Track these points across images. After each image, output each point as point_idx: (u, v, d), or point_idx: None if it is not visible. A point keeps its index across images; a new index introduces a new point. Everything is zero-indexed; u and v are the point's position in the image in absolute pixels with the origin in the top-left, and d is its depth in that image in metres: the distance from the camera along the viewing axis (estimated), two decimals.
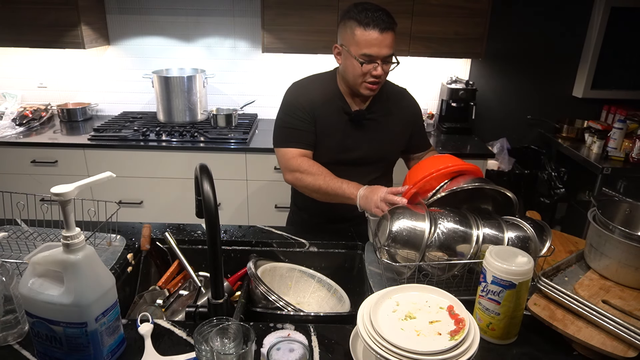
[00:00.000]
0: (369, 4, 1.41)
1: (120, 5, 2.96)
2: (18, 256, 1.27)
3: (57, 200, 0.82)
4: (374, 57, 1.40)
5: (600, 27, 2.96)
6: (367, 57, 1.40)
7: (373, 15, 1.38)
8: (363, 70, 1.42)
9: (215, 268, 0.96)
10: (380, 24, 1.37)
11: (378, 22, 1.37)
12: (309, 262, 1.45)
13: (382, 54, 1.40)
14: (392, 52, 1.42)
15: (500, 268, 0.94)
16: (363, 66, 1.41)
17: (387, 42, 1.39)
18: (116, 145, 2.62)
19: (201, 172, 0.96)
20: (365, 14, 1.38)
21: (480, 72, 3.15)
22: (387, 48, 1.40)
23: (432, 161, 1.36)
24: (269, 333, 1.00)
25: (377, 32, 1.37)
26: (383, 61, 1.42)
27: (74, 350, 0.87)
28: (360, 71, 1.42)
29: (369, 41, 1.38)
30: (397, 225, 1.16)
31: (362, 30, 1.38)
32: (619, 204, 1.21)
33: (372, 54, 1.39)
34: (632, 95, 3.13)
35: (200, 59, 3.09)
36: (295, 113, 1.52)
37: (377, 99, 1.57)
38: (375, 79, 1.44)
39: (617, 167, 2.62)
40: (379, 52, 1.39)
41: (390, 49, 1.41)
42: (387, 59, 1.42)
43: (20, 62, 3.09)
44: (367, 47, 1.39)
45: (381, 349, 0.81)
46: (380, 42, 1.38)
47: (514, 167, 3.03)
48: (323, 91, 1.56)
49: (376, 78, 1.44)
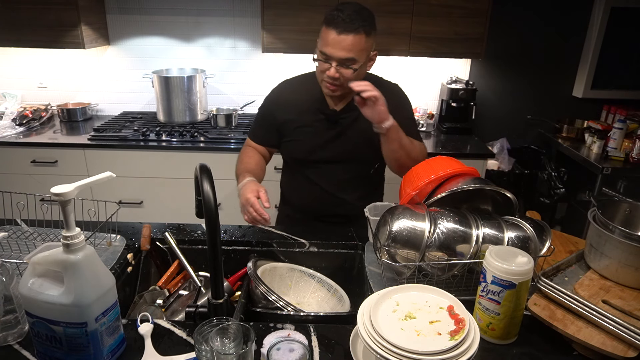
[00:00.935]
0: (349, 4, 1.37)
1: (120, 5, 2.96)
2: (18, 256, 1.27)
3: (57, 200, 0.82)
4: (328, 57, 1.37)
5: (600, 27, 2.96)
6: (323, 56, 1.38)
7: (339, 15, 1.34)
8: (320, 69, 1.40)
9: (215, 268, 0.96)
10: (341, 25, 1.33)
11: (339, 22, 1.33)
12: (309, 262, 1.45)
13: (337, 55, 1.36)
14: (351, 56, 1.36)
15: (500, 268, 0.94)
16: (319, 64, 1.39)
17: (345, 44, 1.34)
18: (116, 145, 2.62)
19: (201, 172, 0.96)
20: (333, 13, 1.35)
21: (480, 72, 3.15)
22: (343, 51, 1.35)
23: (430, 165, 1.36)
24: (269, 333, 1.00)
25: (335, 33, 1.34)
26: (341, 64, 1.37)
27: (74, 350, 0.87)
28: (319, 68, 1.40)
29: (326, 40, 1.36)
30: (397, 225, 1.16)
31: (325, 27, 1.37)
32: (619, 204, 1.21)
33: (327, 54, 1.37)
34: (632, 95, 3.13)
35: (200, 59, 3.09)
36: (262, 112, 1.65)
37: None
38: (331, 80, 1.40)
39: (617, 167, 2.62)
40: (332, 53, 1.36)
41: (349, 53, 1.35)
42: (345, 62, 1.37)
43: (20, 62, 3.09)
44: (324, 45, 1.37)
45: (381, 349, 0.81)
46: (336, 43, 1.34)
47: (514, 167, 3.03)
48: (305, 90, 1.57)
49: (331, 79, 1.40)
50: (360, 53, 1.38)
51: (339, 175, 1.62)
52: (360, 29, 1.35)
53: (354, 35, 1.34)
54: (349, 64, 1.38)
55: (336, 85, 1.42)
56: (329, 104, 1.56)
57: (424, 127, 3.02)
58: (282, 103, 1.60)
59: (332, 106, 1.56)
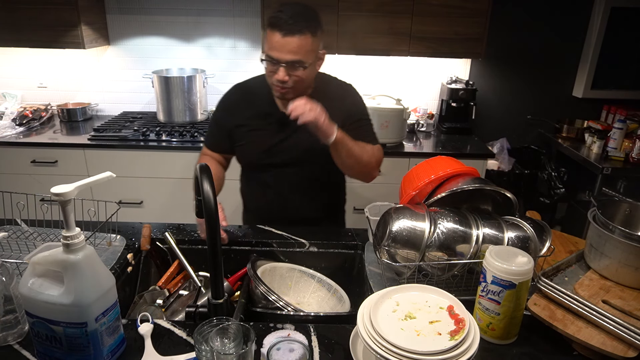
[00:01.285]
0: (291, 5, 1.34)
1: (120, 5, 2.96)
2: (18, 256, 1.27)
3: (57, 200, 0.82)
4: (274, 60, 1.33)
5: (600, 27, 2.96)
6: (269, 59, 1.35)
7: (282, 16, 1.30)
8: (268, 71, 1.37)
9: (215, 268, 0.95)
10: (284, 27, 1.29)
11: (283, 25, 1.29)
12: (309, 262, 1.45)
13: (284, 58, 1.32)
14: (298, 59, 1.33)
15: (500, 268, 0.94)
16: (267, 66, 1.37)
17: (291, 47, 1.31)
18: (116, 145, 2.62)
19: (201, 172, 0.96)
20: (276, 15, 1.32)
21: (480, 72, 3.15)
22: (290, 54, 1.31)
23: (430, 165, 1.36)
24: (269, 333, 1.00)
25: (280, 35, 1.30)
26: (289, 66, 1.34)
27: (74, 350, 0.87)
28: (267, 71, 1.38)
29: (271, 43, 1.33)
30: (397, 225, 1.16)
31: (269, 30, 1.33)
32: (619, 204, 1.21)
33: (273, 57, 1.33)
34: (632, 95, 3.13)
35: (200, 59, 3.09)
36: (214, 118, 1.64)
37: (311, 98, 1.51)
38: (281, 84, 1.37)
39: (617, 167, 2.62)
40: (279, 56, 1.32)
41: (296, 55, 1.32)
42: (293, 64, 1.33)
43: (20, 62, 3.09)
44: (270, 49, 1.33)
45: (381, 349, 0.81)
46: (281, 46, 1.31)
47: (514, 167, 3.03)
48: (255, 93, 1.55)
49: (281, 82, 1.37)
50: (307, 54, 1.34)
51: (293, 178, 1.59)
52: (304, 30, 1.31)
53: (299, 37, 1.30)
54: (297, 66, 1.34)
55: (286, 88, 1.39)
56: (279, 106, 1.52)
57: (424, 127, 3.02)
58: (232, 108, 1.58)
59: (282, 108, 1.51)
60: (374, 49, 2.74)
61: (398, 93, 2.83)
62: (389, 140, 2.71)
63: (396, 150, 2.69)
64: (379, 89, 3.07)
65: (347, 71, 3.12)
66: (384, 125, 2.65)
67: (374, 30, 2.69)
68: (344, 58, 3.04)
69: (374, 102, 2.68)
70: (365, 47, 2.74)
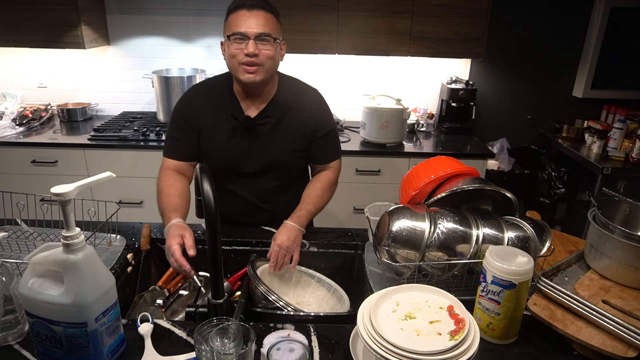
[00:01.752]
0: None
1: (120, 5, 2.96)
2: (18, 256, 1.27)
3: (57, 200, 0.82)
4: (243, 34, 1.34)
5: (600, 27, 2.96)
6: (237, 35, 1.35)
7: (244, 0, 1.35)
8: (235, 50, 1.36)
9: (215, 268, 0.96)
10: (248, 3, 1.34)
11: (246, 2, 1.35)
12: (309, 262, 1.45)
13: (253, 30, 1.34)
14: (267, 31, 1.35)
15: (500, 268, 0.94)
16: (234, 45, 1.36)
17: (259, 20, 1.34)
18: (116, 145, 2.62)
19: (201, 172, 0.96)
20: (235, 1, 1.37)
21: (480, 72, 3.15)
22: (259, 26, 1.34)
23: (430, 165, 1.36)
24: (269, 333, 1.00)
25: (246, 10, 1.34)
26: (258, 40, 1.34)
27: (74, 350, 0.87)
28: (234, 52, 1.36)
29: (237, 22, 1.35)
30: (397, 225, 1.16)
31: (232, 14, 1.37)
32: (619, 204, 1.21)
33: (241, 31, 1.34)
34: (632, 95, 3.13)
35: (200, 59, 3.09)
36: (177, 123, 1.50)
37: (275, 101, 1.48)
38: (250, 58, 1.35)
39: (617, 167, 2.62)
40: (247, 29, 1.33)
41: (264, 28, 1.35)
42: (262, 36, 1.35)
43: (20, 62, 3.09)
44: (236, 27, 1.35)
45: (381, 349, 0.81)
46: (250, 20, 1.34)
47: (514, 167, 3.03)
48: (215, 97, 1.49)
49: (250, 57, 1.34)
50: (274, 30, 1.37)
51: (262, 184, 1.55)
52: (267, 8, 1.37)
53: (265, 13, 1.36)
54: (266, 39, 1.36)
55: (256, 64, 1.36)
56: (242, 108, 1.48)
57: (424, 127, 3.02)
58: (195, 111, 1.49)
59: (246, 111, 1.48)
60: (374, 49, 2.74)
61: (398, 93, 2.83)
62: (389, 140, 2.71)
63: (396, 150, 2.70)
64: (379, 89, 3.07)
65: (347, 71, 3.12)
66: (384, 125, 2.65)
67: (374, 30, 2.69)
68: (344, 58, 3.05)
69: (374, 102, 2.68)
70: (365, 47, 2.74)
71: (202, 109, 1.48)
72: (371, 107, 2.66)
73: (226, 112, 1.47)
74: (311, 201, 1.49)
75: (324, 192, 1.54)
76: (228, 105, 1.48)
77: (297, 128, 1.50)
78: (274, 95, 1.49)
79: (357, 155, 2.67)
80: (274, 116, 1.48)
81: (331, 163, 1.59)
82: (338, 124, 2.97)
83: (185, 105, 1.51)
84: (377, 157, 2.68)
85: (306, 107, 1.51)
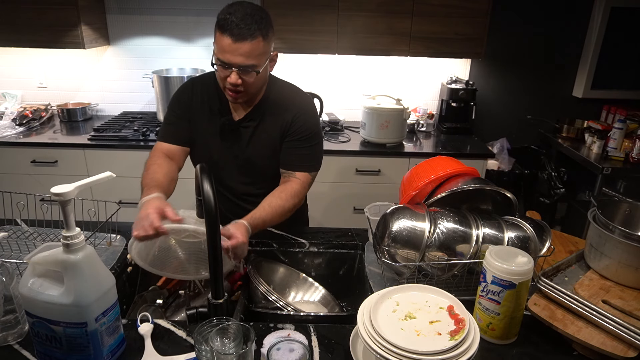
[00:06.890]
0: (241, 5, 1.28)
1: (120, 5, 2.96)
2: (18, 256, 1.27)
3: (57, 200, 0.82)
4: (226, 64, 1.29)
5: (600, 27, 2.96)
6: (221, 63, 1.30)
7: (232, 19, 1.24)
8: (220, 73, 1.33)
9: (215, 268, 0.96)
10: (235, 31, 1.24)
11: (234, 29, 1.24)
12: (309, 262, 1.45)
13: (235, 62, 1.28)
14: (250, 63, 1.29)
15: (500, 268, 0.94)
16: (219, 70, 1.33)
17: (242, 51, 1.26)
18: (116, 145, 2.62)
19: (201, 172, 0.96)
20: (226, 17, 1.25)
21: (480, 72, 3.15)
22: (241, 57, 1.27)
23: (430, 165, 1.36)
24: (269, 333, 1.00)
25: (231, 41, 1.25)
26: (242, 70, 1.30)
27: (74, 351, 0.87)
28: (219, 73, 1.34)
29: (222, 47, 1.28)
30: (397, 225, 1.16)
31: (219, 33, 1.27)
32: (619, 204, 1.21)
33: (225, 61, 1.29)
34: (632, 95, 3.13)
35: (200, 59, 3.09)
36: (173, 109, 1.53)
37: (261, 105, 1.47)
38: (233, 87, 1.32)
39: (617, 167, 2.62)
40: (230, 60, 1.28)
41: (248, 59, 1.28)
42: (246, 68, 1.29)
43: (20, 62, 3.09)
44: (220, 52, 1.28)
45: (381, 349, 0.81)
46: (233, 50, 1.26)
47: (514, 167, 3.03)
48: (208, 93, 1.48)
49: (233, 86, 1.32)
50: (259, 58, 1.30)
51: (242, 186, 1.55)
52: (256, 34, 1.26)
53: (251, 41, 1.26)
54: (249, 70, 1.31)
55: (239, 91, 1.34)
56: (231, 109, 1.48)
57: (424, 127, 3.02)
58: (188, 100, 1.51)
59: (234, 112, 1.48)
60: (374, 49, 2.74)
61: (398, 93, 2.83)
62: (389, 141, 2.71)
63: (396, 150, 2.70)
64: (379, 89, 3.07)
65: (347, 71, 3.12)
66: (383, 125, 2.65)
67: (374, 30, 2.69)
68: (344, 58, 3.05)
69: (374, 102, 2.68)
70: (365, 47, 2.74)
71: (195, 100, 1.50)
72: (371, 107, 2.66)
73: (215, 111, 1.48)
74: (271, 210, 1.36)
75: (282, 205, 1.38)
76: (218, 104, 1.48)
77: (274, 130, 1.47)
78: (261, 100, 1.47)
79: (357, 155, 2.67)
80: (256, 119, 1.47)
81: (297, 173, 1.46)
82: (338, 124, 2.97)
83: (182, 94, 1.54)
84: (377, 157, 2.68)
85: (287, 110, 1.46)
